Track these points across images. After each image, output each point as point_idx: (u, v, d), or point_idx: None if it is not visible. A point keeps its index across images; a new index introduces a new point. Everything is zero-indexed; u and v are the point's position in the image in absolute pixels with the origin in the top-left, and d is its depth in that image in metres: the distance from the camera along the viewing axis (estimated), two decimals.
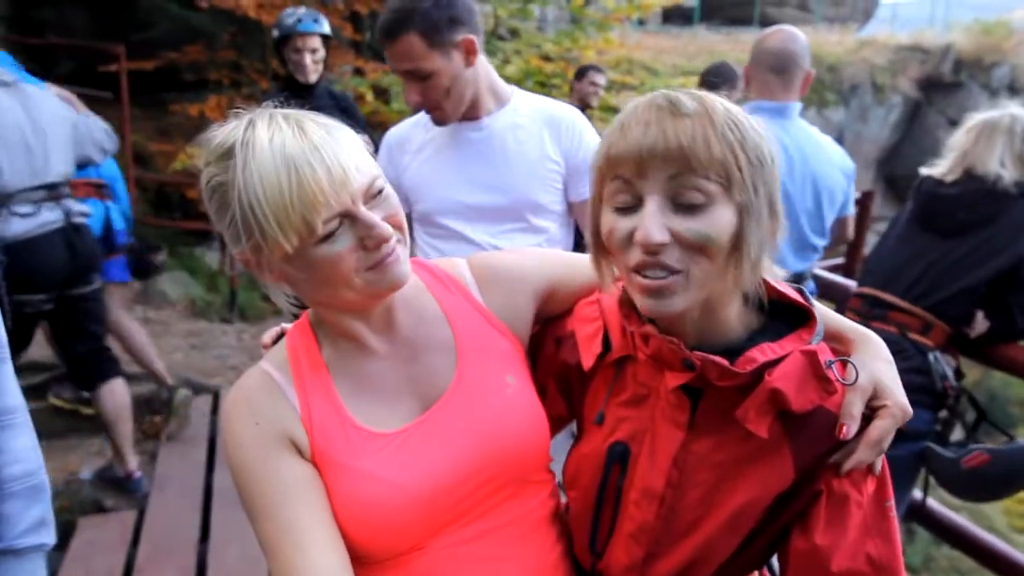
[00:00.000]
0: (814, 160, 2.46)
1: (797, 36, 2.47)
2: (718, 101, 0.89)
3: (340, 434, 1.01)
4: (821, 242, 2.59)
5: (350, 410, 1.03)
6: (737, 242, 0.89)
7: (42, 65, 10.07)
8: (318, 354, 1.07)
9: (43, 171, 2.81)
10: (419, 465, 1.01)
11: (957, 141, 2.45)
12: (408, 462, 1.01)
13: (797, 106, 2.49)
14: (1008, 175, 2.30)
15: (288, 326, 1.16)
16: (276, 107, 0.99)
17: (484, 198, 1.95)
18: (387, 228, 0.96)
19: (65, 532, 3.38)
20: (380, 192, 0.98)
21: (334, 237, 0.94)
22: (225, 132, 0.95)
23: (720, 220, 0.87)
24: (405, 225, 1.03)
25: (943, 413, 2.40)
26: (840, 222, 2.68)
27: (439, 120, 1.93)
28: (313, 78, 3.38)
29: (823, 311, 1.02)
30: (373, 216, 0.95)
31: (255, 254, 0.97)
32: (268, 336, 1.20)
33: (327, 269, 0.95)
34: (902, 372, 2.52)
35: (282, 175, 0.89)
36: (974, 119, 2.42)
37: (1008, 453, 2.21)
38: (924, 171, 2.53)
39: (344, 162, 0.92)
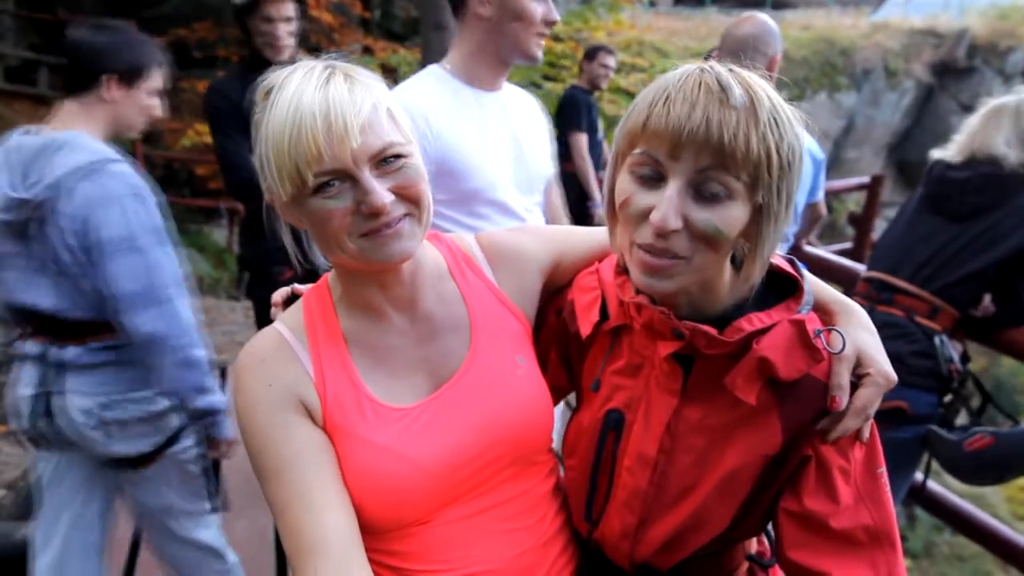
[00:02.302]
0: None
1: (762, 22, 2.49)
2: (764, 91, 0.87)
3: (354, 406, 1.02)
4: (792, 228, 2.66)
5: (366, 383, 1.04)
6: (752, 242, 0.91)
7: (51, 41, 10.07)
8: (335, 322, 1.07)
9: None
10: (430, 441, 1.02)
11: (967, 124, 2.45)
12: (420, 438, 1.02)
13: None
14: (1014, 155, 2.30)
15: (301, 288, 1.16)
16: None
17: (520, 171, 1.94)
18: (384, 197, 0.93)
19: None
20: (395, 159, 0.96)
21: (329, 193, 0.93)
22: (275, 74, 0.98)
23: (734, 216, 0.87)
24: (423, 200, 1.00)
25: (948, 397, 2.40)
26: (810, 207, 2.85)
27: (536, 54, 1.88)
28: (287, 55, 2.73)
29: (812, 281, 1.03)
30: (373, 182, 0.93)
31: (269, 193, 0.99)
32: (279, 295, 1.20)
33: (320, 224, 0.96)
34: (907, 356, 2.51)
35: (287, 123, 0.91)
36: (988, 104, 2.42)
37: (1011, 436, 2.22)
38: (934, 154, 2.53)
39: (349, 120, 0.91)
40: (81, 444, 1.93)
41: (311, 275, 1.16)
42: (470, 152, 1.81)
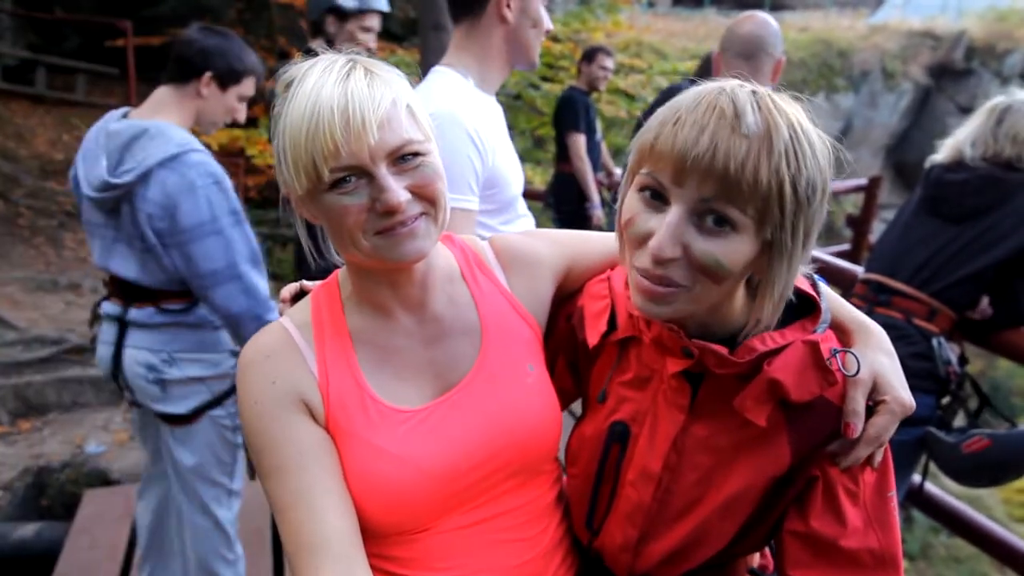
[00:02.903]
0: None
1: (767, 22, 2.45)
2: (785, 118, 0.81)
3: (358, 407, 1.00)
4: None
5: (370, 383, 1.02)
6: (763, 278, 0.87)
7: (49, 40, 10.05)
8: (343, 321, 1.05)
9: None
10: (435, 445, 1.00)
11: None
12: (425, 441, 1.00)
13: None
14: (973, 153, 2.33)
15: (309, 284, 1.15)
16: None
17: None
18: (399, 196, 0.92)
19: (71, 504, 3.42)
20: (412, 157, 0.94)
21: (345, 189, 0.92)
22: (296, 67, 0.97)
23: (738, 250, 0.83)
24: (440, 200, 0.98)
25: (946, 399, 2.40)
26: None
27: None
28: None
29: (830, 299, 1.00)
30: (389, 179, 0.92)
31: (285, 186, 0.98)
32: (287, 291, 1.19)
33: (335, 220, 0.94)
34: (906, 358, 2.52)
35: (305, 117, 0.90)
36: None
37: (1008, 438, 2.22)
38: (931, 158, 2.54)
39: (367, 116, 0.89)
40: (140, 398, 2.14)
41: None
42: (507, 161, 1.79)
